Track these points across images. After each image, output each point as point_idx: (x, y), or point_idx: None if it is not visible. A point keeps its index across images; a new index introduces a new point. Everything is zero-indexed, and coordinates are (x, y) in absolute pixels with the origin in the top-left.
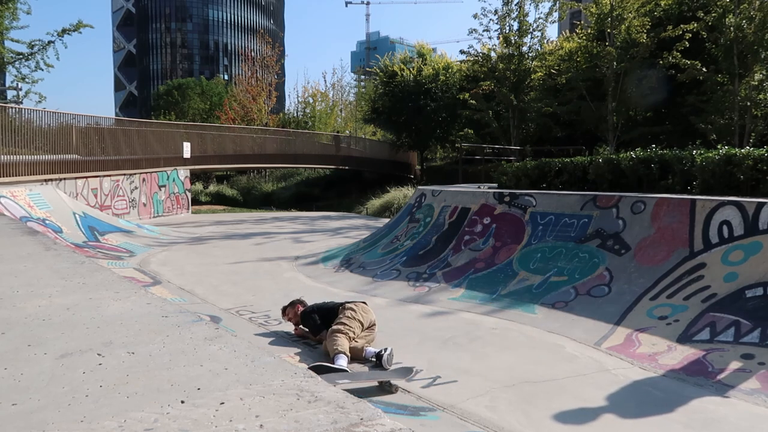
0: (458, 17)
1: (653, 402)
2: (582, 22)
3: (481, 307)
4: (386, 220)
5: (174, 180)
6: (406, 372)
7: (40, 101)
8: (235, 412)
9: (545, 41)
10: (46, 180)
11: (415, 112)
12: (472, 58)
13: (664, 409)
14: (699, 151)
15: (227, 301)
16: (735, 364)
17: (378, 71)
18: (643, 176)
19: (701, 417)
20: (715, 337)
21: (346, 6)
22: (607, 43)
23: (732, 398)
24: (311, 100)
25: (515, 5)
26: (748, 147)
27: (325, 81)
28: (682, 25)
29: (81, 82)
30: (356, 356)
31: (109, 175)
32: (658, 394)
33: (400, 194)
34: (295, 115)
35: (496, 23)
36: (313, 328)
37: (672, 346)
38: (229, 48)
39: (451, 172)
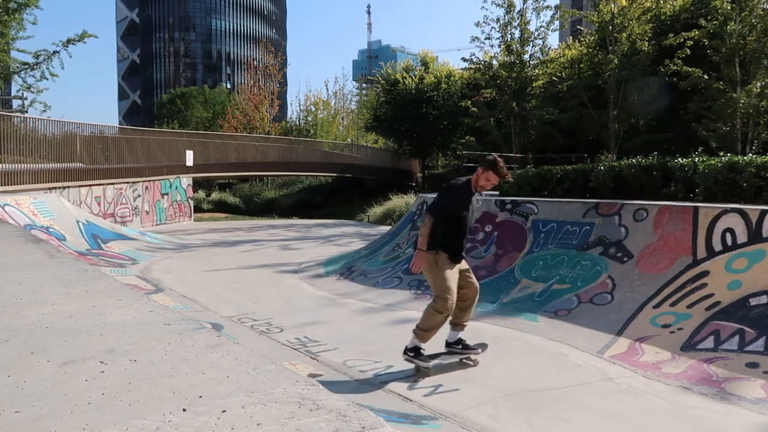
0: (459, 26)
1: (657, 411)
2: (584, 28)
3: (484, 315)
4: (383, 228)
5: (177, 188)
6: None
7: (44, 110)
8: (236, 420)
9: (547, 49)
10: (50, 188)
11: (416, 120)
12: (474, 66)
13: (669, 419)
14: (702, 159)
15: (229, 308)
16: (739, 373)
17: (380, 79)
18: (646, 184)
19: (706, 427)
20: (719, 345)
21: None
22: (611, 47)
23: (737, 407)
24: (313, 108)
25: (517, 14)
26: (750, 154)
27: (327, 89)
28: (683, 33)
29: (85, 91)
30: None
31: (113, 183)
32: (662, 403)
33: (402, 201)
34: (297, 123)
35: (498, 31)
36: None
37: (676, 355)
38: (231, 57)
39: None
